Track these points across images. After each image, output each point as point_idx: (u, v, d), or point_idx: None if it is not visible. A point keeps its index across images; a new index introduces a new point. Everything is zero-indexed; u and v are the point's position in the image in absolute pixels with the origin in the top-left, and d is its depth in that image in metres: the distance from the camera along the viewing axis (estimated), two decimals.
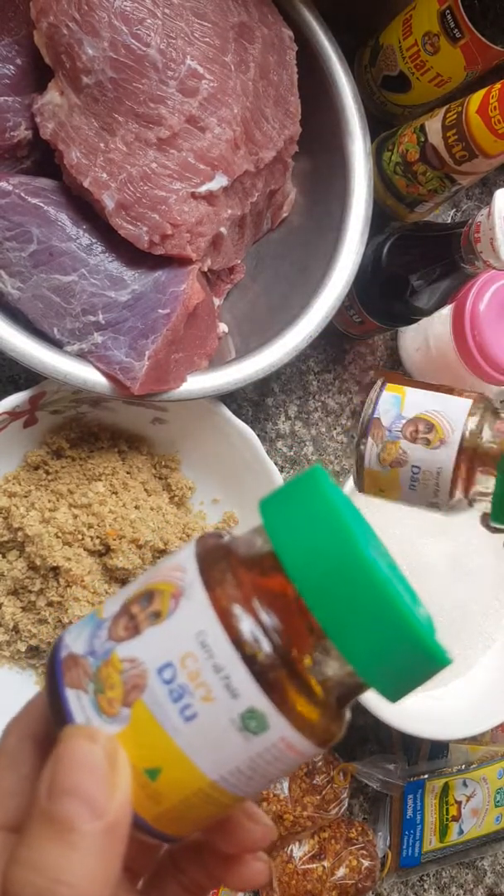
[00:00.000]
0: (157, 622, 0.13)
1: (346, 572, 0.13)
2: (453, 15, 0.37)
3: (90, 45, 0.32)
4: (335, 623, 0.13)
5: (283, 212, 0.42)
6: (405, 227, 0.40)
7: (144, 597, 0.14)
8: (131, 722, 0.13)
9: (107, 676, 0.13)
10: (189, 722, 0.13)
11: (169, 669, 0.13)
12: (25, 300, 0.33)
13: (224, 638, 0.13)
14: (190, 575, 0.14)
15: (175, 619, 0.13)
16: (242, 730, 0.13)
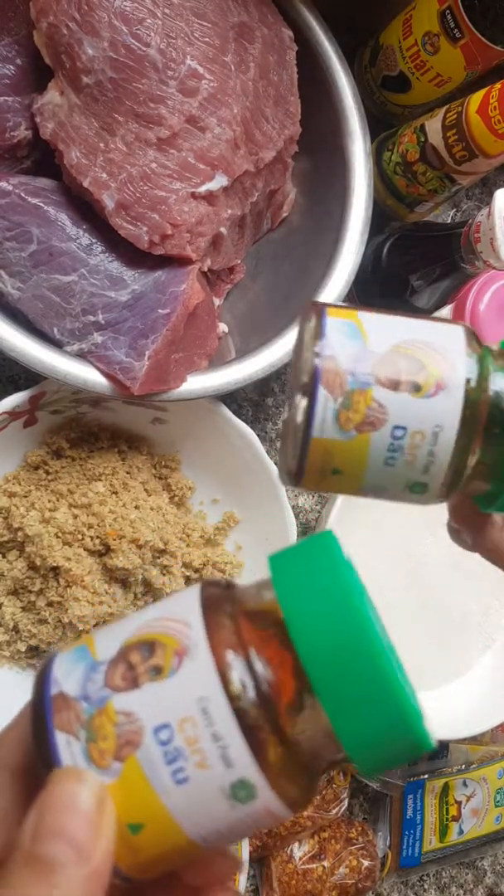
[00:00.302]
0: (158, 679, 0.13)
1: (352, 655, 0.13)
2: (453, 15, 0.37)
3: (90, 45, 0.32)
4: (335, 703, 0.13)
5: (283, 212, 0.42)
6: (405, 227, 0.40)
7: (145, 646, 0.14)
8: (121, 777, 0.13)
9: (100, 727, 0.13)
10: (180, 785, 0.13)
11: (166, 731, 0.13)
12: (25, 300, 0.33)
13: (227, 708, 0.13)
14: (195, 633, 0.14)
15: (177, 680, 0.13)
16: (230, 798, 0.13)
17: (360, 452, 0.18)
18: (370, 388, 0.17)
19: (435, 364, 0.17)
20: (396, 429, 0.17)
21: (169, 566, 0.38)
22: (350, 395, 0.17)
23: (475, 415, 0.17)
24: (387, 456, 0.17)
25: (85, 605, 0.35)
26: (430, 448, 0.17)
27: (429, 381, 0.17)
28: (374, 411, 0.17)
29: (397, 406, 0.17)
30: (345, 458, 0.18)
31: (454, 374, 0.17)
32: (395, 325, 0.18)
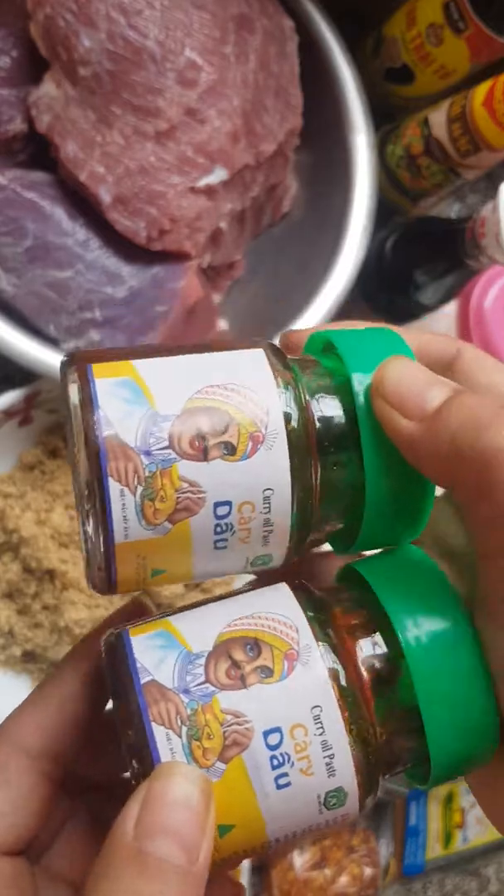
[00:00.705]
0: (268, 681, 0.13)
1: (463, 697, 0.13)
2: (458, 6, 0.36)
3: (87, 36, 0.31)
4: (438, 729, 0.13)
5: (284, 206, 0.41)
6: (409, 221, 0.39)
7: (248, 644, 0.14)
8: (223, 777, 0.13)
9: (205, 724, 0.13)
10: (280, 790, 0.13)
11: (275, 735, 0.13)
12: (20, 296, 0.33)
13: (339, 719, 0.13)
14: (304, 639, 0.14)
15: (289, 685, 0.13)
16: (321, 804, 0.13)
17: (181, 545, 0.14)
18: (174, 464, 0.13)
19: (243, 409, 0.14)
20: (219, 506, 0.14)
21: None
22: (151, 481, 0.13)
23: (305, 457, 0.14)
24: (215, 539, 0.14)
25: (81, 609, 0.35)
26: (264, 517, 0.14)
27: (242, 436, 0.13)
28: (185, 493, 0.13)
29: (213, 478, 0.13)
30: (164, 557, 0.14)
31: (269, 417, 0.14)
32: (183, 370, 0.14)
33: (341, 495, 0.15)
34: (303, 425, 0.14)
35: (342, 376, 0.15)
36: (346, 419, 0.14)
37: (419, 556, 0.15)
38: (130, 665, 0.13)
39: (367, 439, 0.14)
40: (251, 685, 0.13)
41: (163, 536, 0.13)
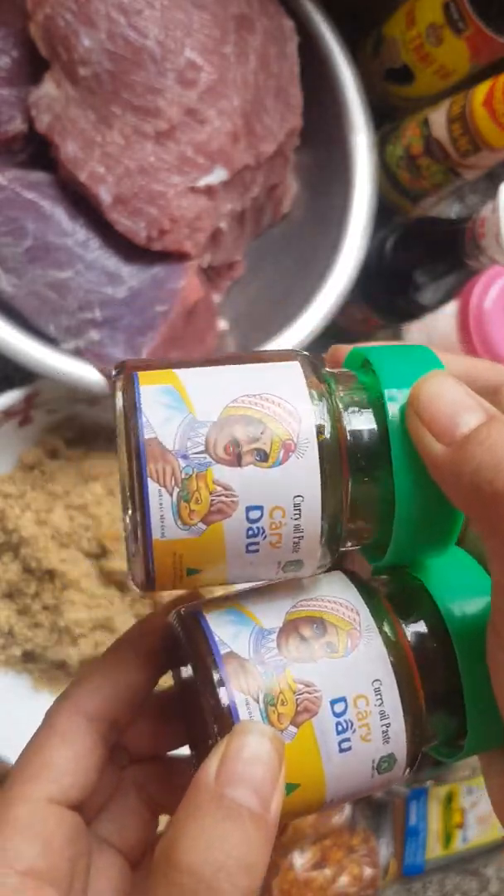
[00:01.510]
0: (334, 656, 0.15)
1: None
2: (457, 6, 0.36)
3: (87, 36, 0.31)
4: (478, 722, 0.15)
5: (284, 206, 0.41)
6: (409, 221, 0.39)
7: (315, 623, 0.15)
8: (295, 740, 0.14)
9: (280, 692, 0.14)
10: (342, 753, 0.14)
11: (341, 703, 0.14)
12: (20, 296, 0.33)
13: (396, 692, 0.15)
14: (364, 621, 0.15)
15: (352, 660, 0.15)
16: (374, 768, 0.15)
17: (214, 546, 0.15)
18: (209, 468, 0.14)
19: (278, 420, 0.14)
20: (251, 510, 0.14)
21: None
22: (187, 484, 0.14)
23: (336, 468, 0.15)
24: (247, 543, 0.14)
25: (81, 609, 0.35)
26: (294, 523, 0.14)
27: (275, 444, 0.14)
28: (219, 496, 0.14)
29: (246, 484, 0.14)
30: (199, 557, 0.15)
31: (301, 427, 0.14)
32: (222, 380, 0.15)
33: (371, 508, 0.15)
34: (335, 437, 0.15)
35: (377, 391, 0.15)
36: (379, 434, 0.15)
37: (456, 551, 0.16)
38: (209, 638, 0.15)
39: (398, 456, 0.14)
40: (319, 658, 0.15)
41: (197, 537, 0.14)
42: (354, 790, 0.15)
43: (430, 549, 0.16)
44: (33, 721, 0.41)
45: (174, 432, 0.14)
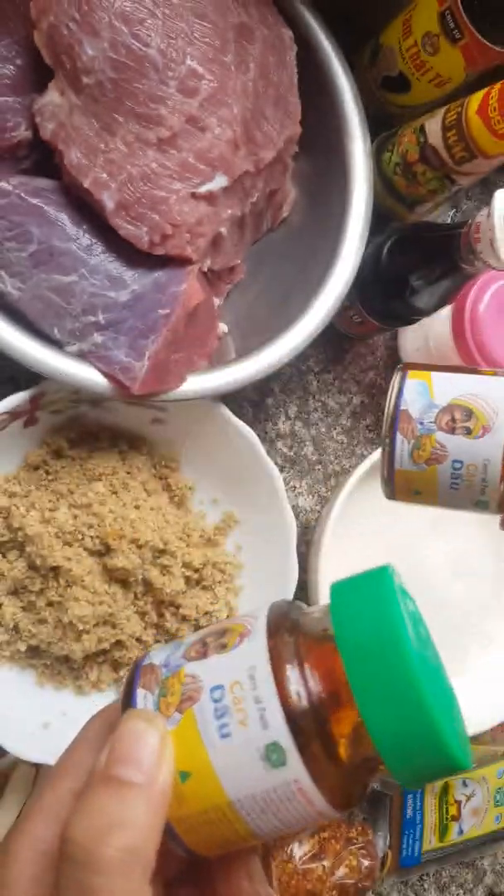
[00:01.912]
0: (222, 652, 0.16)
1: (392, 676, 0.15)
2: (453, 15, 0.37)
3: (90, 45, 0.32)
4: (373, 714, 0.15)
5: (283, 212, 0.42)
6: (405, 227, 0.40)
7: (219, 632, 0.17)
8: (179, 725, 0.16)
9: (171, 685, 0.16)
10: (224, 739, 0.15)
11: (219, 690, 0.16)
12: (25, 300, 0.33)
13: (269, 675, 0.16)
14: (259, 622, 0.17)
15: (235, 652, 0.16)
16: (264, 759, 0.15)
17: (431, 480, 0.24)
18: (434, 433, 0.24)
19: (482, 411, 0.24)
20: (455, 462, 0.24)
21: (169, 566, 0.38)
22: (420, 439, 0.24)
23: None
24: (451, 482, 0.24)
25: (85, 605, 0.35)
26: (482, 476, 0.23)
27: (476, 426, 0.24)
28: (437, 450, 0.24)
29: (455, 446, 0.24)
30: (421, 484, 0.25)
31: (497, 418, 0.23)
32: (455, 382, 0.25)
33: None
34: None
35: None
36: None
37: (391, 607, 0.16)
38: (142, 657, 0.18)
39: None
40: (209, 656, 0.16)
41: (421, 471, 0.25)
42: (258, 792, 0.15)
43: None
44: (37, 715, 0.42)
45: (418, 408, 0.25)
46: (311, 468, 0.47)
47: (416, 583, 0.48)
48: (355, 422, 0.48)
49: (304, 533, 0.46)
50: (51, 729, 0.37)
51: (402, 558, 0.45)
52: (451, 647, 0.46)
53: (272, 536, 0.40)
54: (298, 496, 0.47)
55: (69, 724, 0.38)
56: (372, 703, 0.15)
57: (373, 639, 0.15)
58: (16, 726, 0.36)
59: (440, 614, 0.46)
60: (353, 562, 0.45)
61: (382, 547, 0.45)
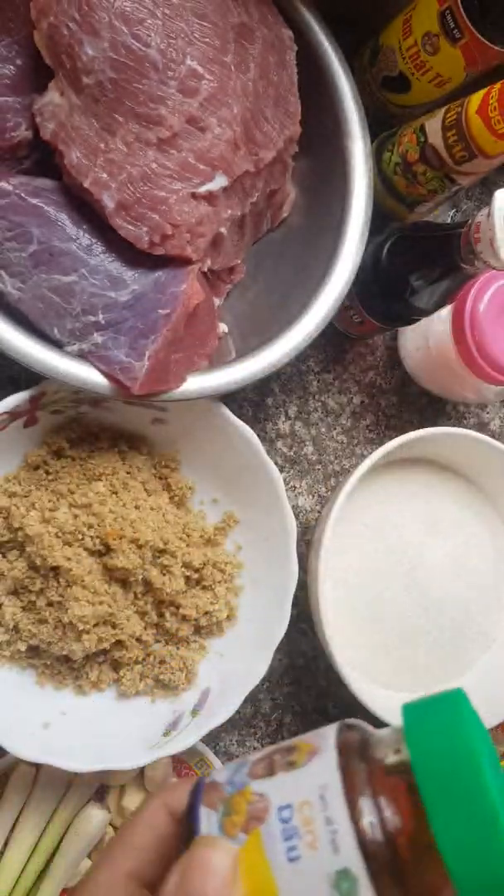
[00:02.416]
0: (290, 769, 0.16)
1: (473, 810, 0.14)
2: (453, 15, 0.37)
3: (90, 45, 0.32)
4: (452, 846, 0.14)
5: (283, 212, 0.42)
6: (405, 227, 0.40)
7: (287, 749, 0.17)
8: (245, 847, 0.15)
9: (236, 804, 0.16)
10: (292, 863, 0.15)
11: (287, 810, 0.15)
12: (25, 300, 0.33)
13: (342, 796, 0.15)
14: (329, 741, 0.16)
15: (304, 770, 0.16)
16: (334, 886, 0.14)
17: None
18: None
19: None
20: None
21: (169, 566, 0.38)
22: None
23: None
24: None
25: (85, 605, 0.35)
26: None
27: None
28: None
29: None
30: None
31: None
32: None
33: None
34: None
35: None
36: None
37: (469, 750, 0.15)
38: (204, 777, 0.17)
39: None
40: (277, 774, 0.16)
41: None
42: None
43: None
44: (37, 715, 0.42)
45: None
46: (311, 468, 0.47)
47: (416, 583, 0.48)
48: (355, 422, 0.48)
49: (304, 533, 0.46)
50: (51, 729, 0.37)
51: (403, 558, 0.45)
52: (451, 648, 0.46)
53: (272, 536, 0.40)
54: (298, 496, 0.47)
55: (69, 724, 0.38)
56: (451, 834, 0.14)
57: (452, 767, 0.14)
58: (16, 726, 0.36)
59: (440, 614, 0.46)
60: (353, 562, 0.45)
61: (383, 547, 0.45)
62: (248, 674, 0.38)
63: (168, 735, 0.38)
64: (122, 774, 0.41)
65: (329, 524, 0.40)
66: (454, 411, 0.51)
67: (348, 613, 0.44)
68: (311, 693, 0.47)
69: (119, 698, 0.40)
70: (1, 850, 0.39)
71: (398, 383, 0.49)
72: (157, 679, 0.40)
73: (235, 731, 0.45)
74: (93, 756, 0.36)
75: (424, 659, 0.45)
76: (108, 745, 0.37)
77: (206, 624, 0.40)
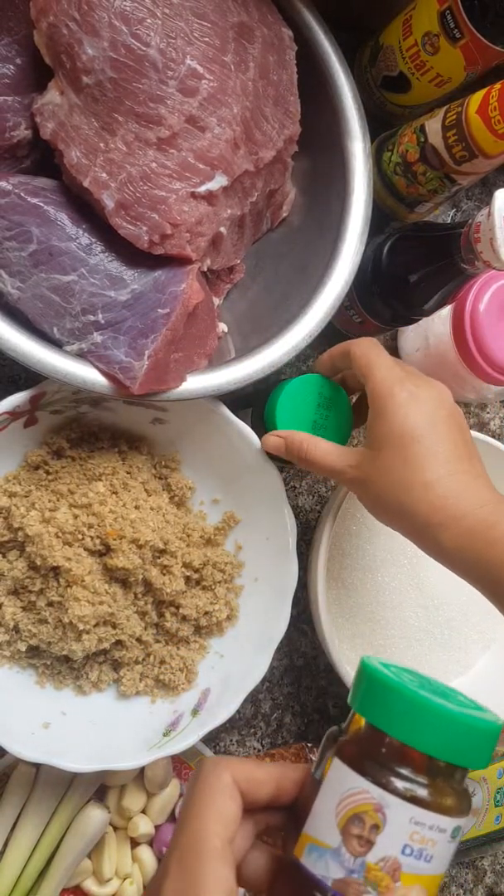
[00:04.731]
0: (380, 831, 0.20)
1: None
2: (453, 15, 0.37)
3: (90, 44, 0.32)
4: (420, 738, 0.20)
5: (283, 211, 0.42)
6: (405, 227, 0.40)
7: (353, 821, 0.20)
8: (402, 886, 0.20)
9: (373, 877, 0.20)
10: (428, 861, 0.20)
11: (408, 847, 0.20)
12: (25, 300, 0.33)
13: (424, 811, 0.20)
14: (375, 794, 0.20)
15: (391, 823, 0.20)
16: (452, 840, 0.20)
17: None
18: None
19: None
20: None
21: (169, 566, 0.38)
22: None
23: None
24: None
25: (85, 605, 0.35)
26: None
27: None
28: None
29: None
30: None
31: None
32: None
33: None
34: None
35: None
36: None
37: None
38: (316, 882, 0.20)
39: None
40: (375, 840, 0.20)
41: None
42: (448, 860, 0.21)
43: None
44: (37, 715, 0.42)
45: None
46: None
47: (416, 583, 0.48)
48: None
49: (304, 533, 0.46)
50: (51, 729, 0.37)
51: (403, 558, 0.45)
52: (451, 648, 0.46)
53: (272, 536, 0.40)
54: (298, 496, 0.47)
55: (69, 724, 0.38)
56: None
57: None
58: (16, 726, 0.36)
59: (440, 614, 0.46)
60: (353, 561, 0.45)
61: (382, 547, 0.45)
62: (248, 674, 0.38)
63: (168, 735, 0.38)
64: (122, 774, 0.40)
65: (329, 524, 0.40)
66: None
67: (348, 613, 0.44)
68: (311, 693, 0.47)
69: (119, 698, 0.40)
70: (1, 850, 0.39)
71: None
72: (157, 679, 0.40)
73: (235, 731, 0.45)
74: (93, 756, 0.36)
75: (424, 659, 0.45)
76: (108, 745, 0.37)
77: (206, 624, 0.40)
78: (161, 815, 0.41)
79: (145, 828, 0.40)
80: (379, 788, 0.20)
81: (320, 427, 0.38)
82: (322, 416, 0.38)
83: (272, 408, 0.37)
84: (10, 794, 0.39)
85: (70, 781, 0.40)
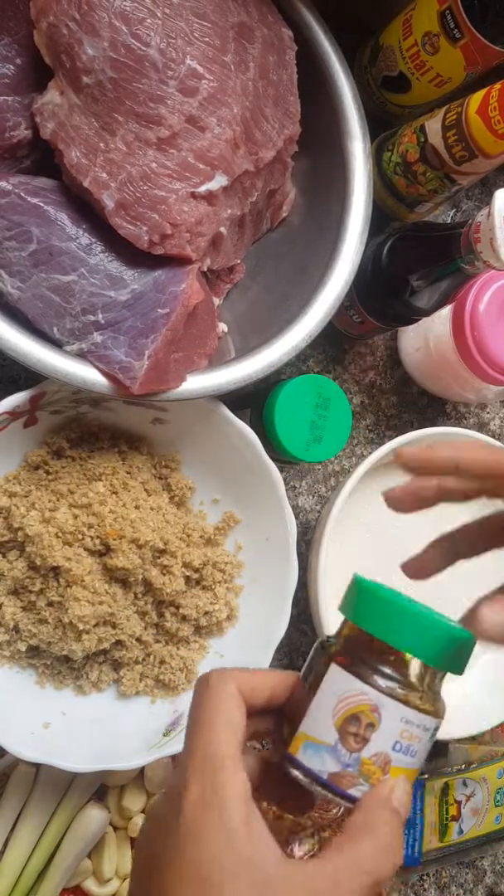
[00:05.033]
0: (375, 729, 0.22)
1: None
2: (453, 15, 0.37)
3: (90, 44, 0.32)
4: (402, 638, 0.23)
5: (283, 211, 0.42)
6: (405, 227, 0.40)
7: (350, 720, 0.22)
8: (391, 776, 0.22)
9: (367, 770, 0.21)
10: (413, 756, 0.22)
11: (398, 744, 0.22)
12: (25, 300, 0.33)
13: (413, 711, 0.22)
14: (372, 695, 0.22)
15: (385, 722, 0.22)
16: (431, 739, 0.22)
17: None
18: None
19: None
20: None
21: (169, 566, 0.38)
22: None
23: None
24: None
25: (85, 605, 0.35)
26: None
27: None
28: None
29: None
30: None
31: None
32: None
33: None
34: None
35: None
36: None
37: None
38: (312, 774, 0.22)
39: None
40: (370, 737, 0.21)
41: None
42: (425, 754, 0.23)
43: None
44: (37, 715, 0.42)
45: None
46: (311, 468, 0.47)
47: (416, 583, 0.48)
48: (355, 422, 0.48)
49: (304, 533, 0.46)
50: (51, 729, 0.37)
51: (402, 557, 0.45)
52: None
53: (272, 536, 0.40)
54: (298, 496, 0.47)
55: (69, 724, 0.38)
56: None
57: None
58: (16, 726, 0.36)
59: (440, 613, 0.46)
60: (353, 561, 0.45)
61: (382, 546, 0.45)
62: None
63: (168, 735, 0.38)
64: (122, 774, 0.40)
65: (329, 524, 0.40)
66: (454, 411, 0.51)
67: None
68: None
69: (119, 698, 0.40)
70: (1, 850, 0.39)
71: (398, 383, 0.49)
72: (157, 679, 0.40)
73: None
74: (93, 756, 0.36)
75: None
76: (108, 745, 0.37)
77: (206, 624, 0.40)
78: None
79: None
80: (375, 691, 0.22)
81: (318, 427, 0.38)
82: (320, 417, 0.38)
83: (271, 408, 0.37)
84: (10, 794, 0.39)
85: (70, 781, 0.40)
